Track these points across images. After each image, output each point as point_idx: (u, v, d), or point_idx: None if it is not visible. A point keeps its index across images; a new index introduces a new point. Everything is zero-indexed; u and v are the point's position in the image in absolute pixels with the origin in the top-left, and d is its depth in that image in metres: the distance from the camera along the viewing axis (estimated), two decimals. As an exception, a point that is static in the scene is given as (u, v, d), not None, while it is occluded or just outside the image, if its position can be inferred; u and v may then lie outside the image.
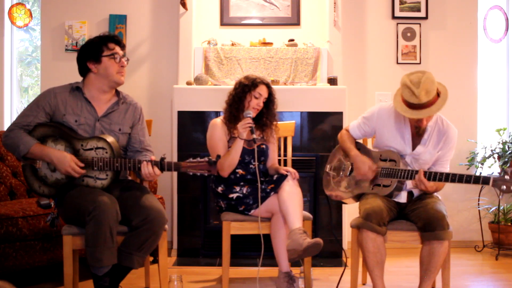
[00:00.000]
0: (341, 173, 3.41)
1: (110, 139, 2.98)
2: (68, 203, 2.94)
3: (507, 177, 2.74)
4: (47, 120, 3.01)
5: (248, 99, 3.48)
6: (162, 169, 2.94)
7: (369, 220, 2.99)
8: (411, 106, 2.98)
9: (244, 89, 3.49)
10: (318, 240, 3.05)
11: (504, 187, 2.74)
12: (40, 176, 2.99)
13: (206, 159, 2.90)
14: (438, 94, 3.00)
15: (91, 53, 3.04)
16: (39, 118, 2.99)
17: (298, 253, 3.07)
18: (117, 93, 3.17)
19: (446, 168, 3.23)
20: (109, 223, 2.79)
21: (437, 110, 2.98)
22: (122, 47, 3.12)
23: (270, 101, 3.55)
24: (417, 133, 3.17)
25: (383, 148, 3.27)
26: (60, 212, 3.04)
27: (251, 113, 3.45)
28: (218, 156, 2.92)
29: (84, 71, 3.09)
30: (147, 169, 2.92)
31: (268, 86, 3.53)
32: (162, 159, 2.93)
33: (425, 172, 3.00)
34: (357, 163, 3.24)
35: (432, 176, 2.98)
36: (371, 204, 3.07)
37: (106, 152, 2.93)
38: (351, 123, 3.43)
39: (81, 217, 2.83)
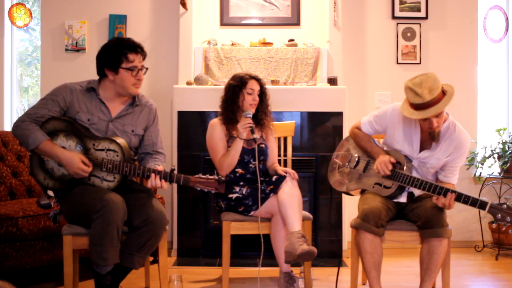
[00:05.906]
0: (347, 164, 3.35)
1: (122, 142, 2.95)
2: (73, 200, 2.92)
3: (504, 206, 2.80)
4: (60, 114, 2.99)
5: (241, 98, 3.47)
6: (171, 181, 2.91)
7: (367, 221, 2.99)
8: (417, 107, 2.95)
9: (235, 89, 3.48)
10: (312, 249, 3.04)
11: (500, 215, 2.81)
12: (46, 168, 2.97)
13: (216, 177, 2.90)
14: (444, 92, 2.97)
15: (109, 61, 2.98)
16: (52, 111, 2.97)
17: (293, 257, 3.08)
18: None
19: (455, 175, 3.18)
20: (117, 222, 2.78)
21: (443, 107, 2.94)
22: (144, 56, 3.05)
23: (262, 93, 3.55)
24: (432, 138, 3.10)
25: (392, 148, 3.23)
26: (63, 209, 3.02)
27: (250, 113, 3.44)
28: (228, 176, 2.93)
29: (101, 73, 3.05)
30: (154, 182, 2.89)
31: (257, 79, 3.52)
32: (172, 170, 2.92)
33: (458, 194, 2.89)
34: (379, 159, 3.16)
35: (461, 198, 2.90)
36: (369, 204, 3.06)
37: (117, 155, 2.91)
38: (362, 120, 3.34)
39: (87, 215, 2.81)
